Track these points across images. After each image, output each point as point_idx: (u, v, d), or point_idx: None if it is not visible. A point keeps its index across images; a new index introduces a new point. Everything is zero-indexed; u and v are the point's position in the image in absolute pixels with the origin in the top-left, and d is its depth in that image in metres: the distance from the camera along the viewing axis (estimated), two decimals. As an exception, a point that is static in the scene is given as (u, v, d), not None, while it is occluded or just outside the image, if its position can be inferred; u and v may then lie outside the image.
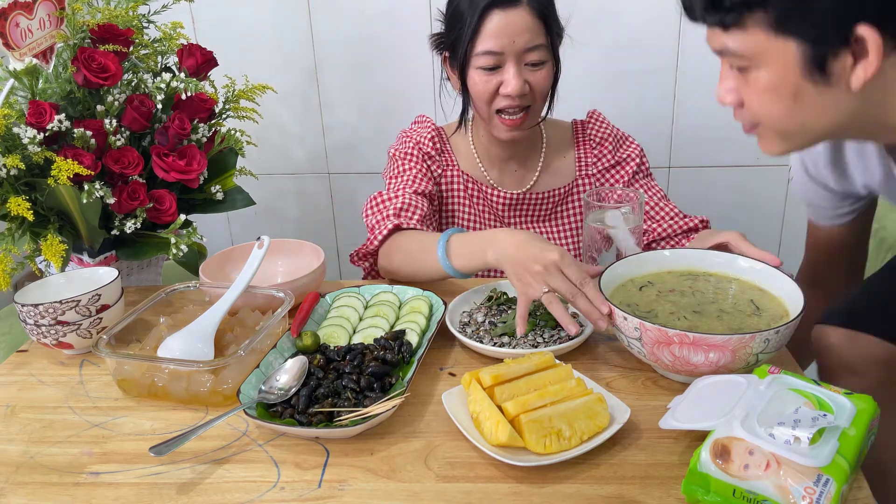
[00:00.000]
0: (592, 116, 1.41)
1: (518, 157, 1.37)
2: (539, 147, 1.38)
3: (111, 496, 0.75)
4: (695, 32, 1.66)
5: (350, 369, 0.90)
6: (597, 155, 1.38)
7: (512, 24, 1.16)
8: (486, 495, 0.73)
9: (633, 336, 0.85)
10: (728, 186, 1.79)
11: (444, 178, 1.38)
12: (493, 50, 1.17)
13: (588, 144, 1.39)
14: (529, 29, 1.16)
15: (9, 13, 1.07)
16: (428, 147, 1.35)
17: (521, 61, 1.19)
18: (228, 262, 1.21)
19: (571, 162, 1.39)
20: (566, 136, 1.41)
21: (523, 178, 1.38)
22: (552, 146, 1.39)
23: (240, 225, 2.00)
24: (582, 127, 1.41)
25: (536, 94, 1.22)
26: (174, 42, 1.28)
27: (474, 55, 1.19)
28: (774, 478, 0.64)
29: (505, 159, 1.37)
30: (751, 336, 0.78)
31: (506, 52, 1.17)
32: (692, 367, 0.82)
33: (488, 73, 1.20)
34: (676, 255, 1.02)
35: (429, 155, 1.35)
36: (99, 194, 1.08)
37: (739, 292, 0.95)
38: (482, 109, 1.25)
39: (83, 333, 1.01)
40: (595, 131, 1.39)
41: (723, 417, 0.70)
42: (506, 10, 1.16)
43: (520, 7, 1.16)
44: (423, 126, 1.39)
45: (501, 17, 1.16)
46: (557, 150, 1.40)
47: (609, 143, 1.38)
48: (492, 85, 1.20)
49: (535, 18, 1.17)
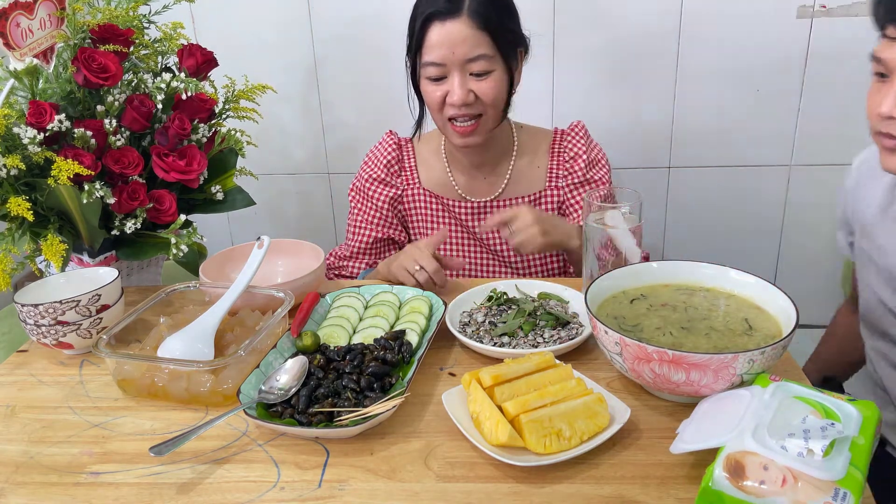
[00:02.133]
0: (574, 129, 1.41)
1: (488, 164, 1.38)
2: (510, 153, 1.38)
3: (111, 496, 0.75)
4: (695, 32, 1.67)
5: (350, 369, 0.90)
6: (568, 169, 1.38)
7: (450, 35, 1.17)
8: (486, 495, 0.73)
9: (614, 351, 0.83)
10: (728, 186, 1.79)
11: (405, 196, 1.41)
12: (435, 61, 1.20)
13: (562, 156, 1.39)
14: (470, 39, 1.17)
15: (9, 13, 1.07)
16: (382, 174, 1.40)
17: (464, 71, 1.20)
18: (228, 262, 1.21)
19: (543, 171, 1.39)
20: (543, 144, 1.41)
21: (493, 185, 1.39)
22: (525, 153, 1.39)
23: (240, 225, 2.00)
24: (561, 137, 1.41)
25: (485, 102, 1.22)
26: (174, 42, 1.28)
27: (421, 66, 1.22)
28: (792, 493, 0.62)
29: (476, 165, 1.38)
30: (733, 356, 0.75)
31: (448, 63, 1.19)
32: (673, 385, 0.79)
33: (435, 82, 1.22)
34: (670, 268, 0.99)
35: (384, 182, 1.40)
36: (99, 194, 1.08)
37: (735, 310, 0.92)
38: (435, 118, 1.28)
39: (83, 333, 1.01)
40: (572, 144, 1.39)
41: (732, 432, 0.68)
42: (444, 21, 1.17)
43: (459, 18, 1.17)
44: (381, 148, 1.43)
45: (440, 29, 1.18)
46: (531, 158, 1.40)
47: (582, 160, 1.37)
48: (439, 94, 1.22)
49: (476, 29, 1.17)
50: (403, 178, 1.41)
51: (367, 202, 1.43)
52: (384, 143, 1.44)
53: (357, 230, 1.44)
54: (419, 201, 1.41)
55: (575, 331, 0.99)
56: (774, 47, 1.63)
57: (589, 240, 1.05)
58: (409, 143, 1.43)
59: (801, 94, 1.67)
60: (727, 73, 1.67)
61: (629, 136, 1.74)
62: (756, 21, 1.61)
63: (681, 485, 0.72)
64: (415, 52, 1.23)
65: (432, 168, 1.41)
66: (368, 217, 1.43)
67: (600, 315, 0.91)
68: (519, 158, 1.39)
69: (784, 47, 1.63)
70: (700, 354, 0.75)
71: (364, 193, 1.43)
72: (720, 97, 1.69)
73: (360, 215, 1.44)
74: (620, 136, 1.74)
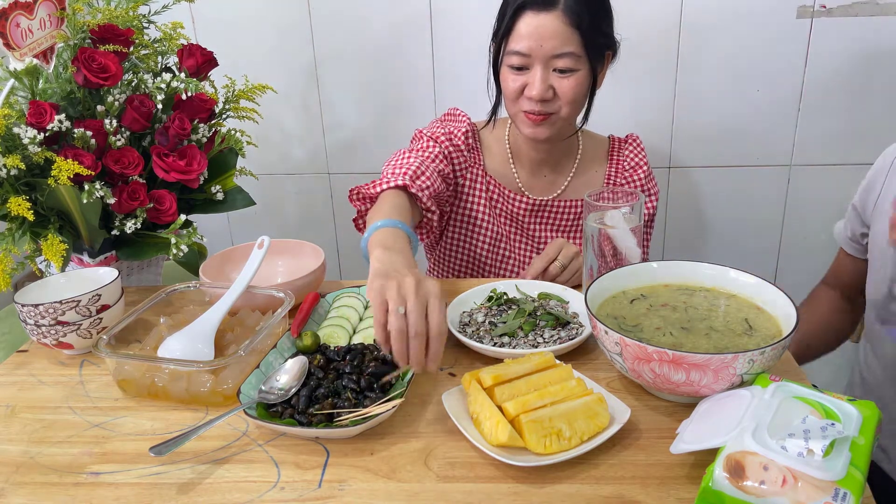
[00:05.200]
0: (632, 139, 1.41)
1: (551, 163, 1.36)
2: (574, 155, 1.38)
3: (111, 496, 0.75)
4: (695, 32, 1.67)
5: (350, 369, 0.90)
6: (626, 178, 1.38)
7: (542, 28, 1.15)
8: (486, 495, 0.73)
9: (614, 351, 0.83)
10: (728, 186, 1.79)
11: (468, 173, 1.37)
12: (520, 51, 1.17)
13: (621, 164, 1.39)
14: (560, 35, 1.15)
15: (9, 13, 1.07)
16: (459, 140, 1.34)
17: (548, 66, 1.18)
18: (228, 263, 1.21)
19: (601, 177, 1.39)
20: (600, 150, 1.41)
21: (553, 183, 1.38)
22: (587, 156, 1.39)
23: (240, 225, 2.00)
24: (619, 145, 1.41)
25: (562, 100, 1.20)
26: (174, 42, 1.28)
27: (506, 53, 1.20)
28: (792, 493, 0.62)
29: (538, 163, 1.36)
30: (733, 356, 0.75)
31: (533, 55, 1.17)
32: (673, 385, 0.79)
33: (517, 72, 1.20)
34: (670, 268, 0.99)
35: (458, 148, 1.34)
36: (99, 194, 1.08)
37: (735, 310, 0.92)
38: (509, 106, 1.26)
39: (83, 333, 1.01)
40: (633, 154, 1.39)
41: (732, 432, 0.68)
42: (538, 12, 1.15)
43: (553, 12, 1.14)
44: (457, 119, 1.38)
45: (533, 19, 1.15)
46: (591, 162, 1.39)
47: (642, 171, 1.38)
48: (518, 84, 1.20)
49: (567, 25, 1.15)
50: (473, 155, 1.37)
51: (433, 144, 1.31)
52: (458, 116, 1.38)
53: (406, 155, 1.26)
54: (480, 182, 1.37)
55: (575, 331, 0.99)
56: (774, 47, 1.63)
57: (589, 240, 1.06)
58: (475, 126, 1.39)
59: (801, 93, 1.67)
60: (727, 73, 1.67)
61: (629, 136, 1.74)
62: (756, 21, 1.61)
63: (681, 485, 0.72)
64: (501, 38, 1.20)
65: (495, 157, 1.38)
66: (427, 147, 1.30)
67: (600, 315, 0.91)
68: (582, 161, 1.38)
69: (784, 47, 1.63)
70: (700, 354, 0.75)
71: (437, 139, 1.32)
72: (720, 97, 1.69)
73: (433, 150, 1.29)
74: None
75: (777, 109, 1.69)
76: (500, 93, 1.27)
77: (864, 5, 1.57)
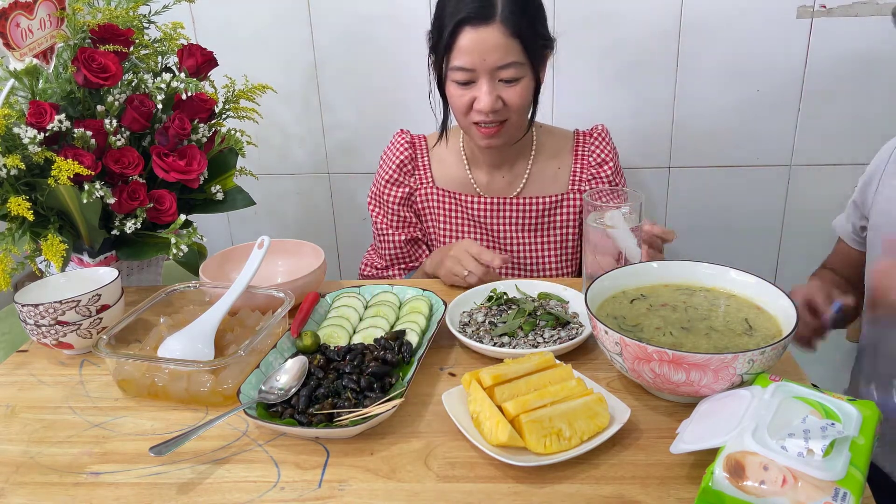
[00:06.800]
0: (598, 132, 1.40)
1: (507, 163, 1.37)
2: (528, 152, 1.38)
3: (111, 496, 0.75)
4: (695, 32, 1.67)
5: (350, 369, 0.90)
6: (593, 174, 1.38)
7: (483, 42, 1.15)
8: (486, 495, 0.73)
9: (614, 351, 0.83)
10: (728, 186, 1.79)
11: (417, 194, 1.41)
12: (464, 66, 1.18)
13: (587, 160, 1.39)
14: (501, 47, 1.15)
15: (9, 13, 1.07)
16: (396, 175, 1.40)
17: (493, 77, 1.18)
18: (228, 262, 1.21)
19: (566, 172, 1.39)
20: (564, 145, 1.40)
21: (511, 183, 1.38)
22: (545, 153, 1.39)
23: (240, 225, 2.00)
24: (583, 139, 1.40)
25: (511, 108, 1.21)
26: (174, 42, 1.28)
27: (449, 69, 1.20)
28: (792, 493, 0.62)
29: (494, 165, 1.37)
30: (733, 356, 0.74)
31: (477, 69, 1.17)
32: (673, 385, 0.79)
33: (462, 87, 1.21)
34: (670, 268, 0.99)
35: (396, 182, 1.40)
36: (99, 194, 1.08)
37: (735, 310, 0.92)
38: (460, 119, 1.27)
39: (83, 333, 1.01)
40: (598, 149, 1.38)
41: (732, 432, 0.68)
42: (477, 27, 1.15)
43: (492, 24, 1.14)
44: (393, 149, 1.42)
45: (473, 34, 1.15)
46: (551, 158, 1.39)
47: (609, 168, 1.37)
48: (466, 99, 1.21)
49: (507, 37, 1.15)
50: (417, 177, 1.40)
51: (384, 206, 1.43)
52: (395, 143, 1.43)
53: (383, 238, 1.44)
54: (432, 200, 1.40)
55: (575, 331, 0.99)
56: (774, 47, 1.63)
57: (589, 240, 1.05)
58: (422, 140, 1.42)
59: (801, 93, 1.67)
60: (727, 73, 1.67)
61: (629, 136, 1.74)
62: (756, 21, 1.61)
63: (681, 485, 0.72)
64: (442, 54, 1.20)
65: (449, 165, 1.40)
66: (388, 221, 1.43)
67: (600, 315, 0.91)
68: (538, 157, 1.38)
69: (784, 47, 1.63)
70: (700, 354, 0.75)
71: (380, 198, 1.43)
72: (720, 97, 1.69)
73: (382, 220, 1.44)
74: (620, 136, 1.74)
75: (777, 109, 1.69)
76: (447, 106, 1.29)
77: (864, 5, 1.57)
